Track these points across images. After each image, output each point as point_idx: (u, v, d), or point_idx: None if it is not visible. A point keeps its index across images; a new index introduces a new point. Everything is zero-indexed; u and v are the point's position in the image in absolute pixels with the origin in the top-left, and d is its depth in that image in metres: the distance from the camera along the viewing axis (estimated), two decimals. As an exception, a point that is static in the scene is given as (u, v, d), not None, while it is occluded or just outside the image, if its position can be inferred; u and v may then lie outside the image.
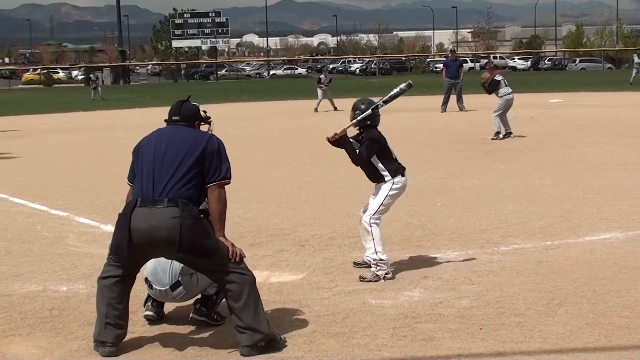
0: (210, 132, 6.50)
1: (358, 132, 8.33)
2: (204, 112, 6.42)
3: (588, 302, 6.84)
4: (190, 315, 6.49)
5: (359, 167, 8.25)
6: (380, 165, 8.09)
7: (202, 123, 6.43)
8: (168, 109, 6.26)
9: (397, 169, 8.10)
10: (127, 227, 5.69)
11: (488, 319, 6.48)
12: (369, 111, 8.13)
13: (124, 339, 6.01)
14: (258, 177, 14.77)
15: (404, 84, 8.34)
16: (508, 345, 5.91)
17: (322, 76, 33.99)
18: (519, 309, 6.71)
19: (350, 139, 8.20)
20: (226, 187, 5.99)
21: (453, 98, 29.20)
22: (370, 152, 8.05)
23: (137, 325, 6.46)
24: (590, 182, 13.17)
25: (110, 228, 9.86)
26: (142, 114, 33.42)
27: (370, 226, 7.88)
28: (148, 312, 6.63)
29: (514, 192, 12.41)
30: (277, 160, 17.44)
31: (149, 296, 6.63)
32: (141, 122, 27.17)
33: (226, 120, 28.49)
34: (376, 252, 7.74)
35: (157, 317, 6.66)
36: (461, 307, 6.82)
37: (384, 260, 7.73)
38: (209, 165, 5.85)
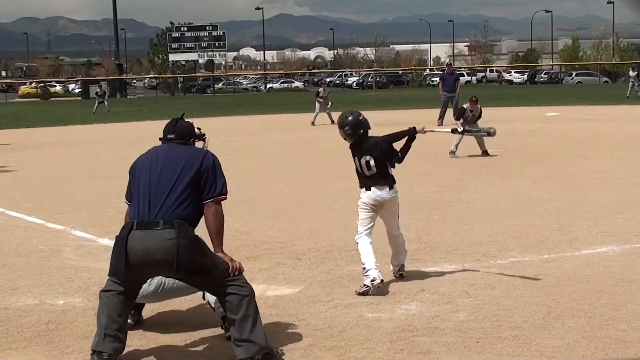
0: (205, 149, 6.50)
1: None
2: (198, 129, 6.42)
3: (585, 316, 6.84)
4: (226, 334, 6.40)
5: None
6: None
7: (197, 140, 6.44)
8: (165, 122, 6.27)
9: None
10: (123, 249, 5.70)
11: (485, 332, 6.47)
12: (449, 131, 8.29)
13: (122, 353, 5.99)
14: (255, 190, 14.77)
15: (492, 130, 8.38)
16: (505, 359, 5.91)
17: (320, 89, 34.03)
18: (516, 322, 6.71)
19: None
20: (223, 201, 6.00)
21: (450, 112, 29.23)
22: None
23: (134, 338, 6.45)
24: (586, 195, 13.18)
25: (106, 241, 9.88)
26: (139, 127, 33.43)
27: (357, 243, 8.08)
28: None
29: (511, 205, 12.42)
30: (274, 173, 17.44)
31: None
32: (138, 135, 27.19)
33: (223, 133, 28.51)
34: (362, 263, 7.83)
35: (134, 323, 6.67)
36: (458, 320, 6.81)
37: (366, 268, 7.76)
38: (204, 182, 5.87)
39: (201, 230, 5.95)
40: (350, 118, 8.21)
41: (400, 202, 9.03)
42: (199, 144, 6.50)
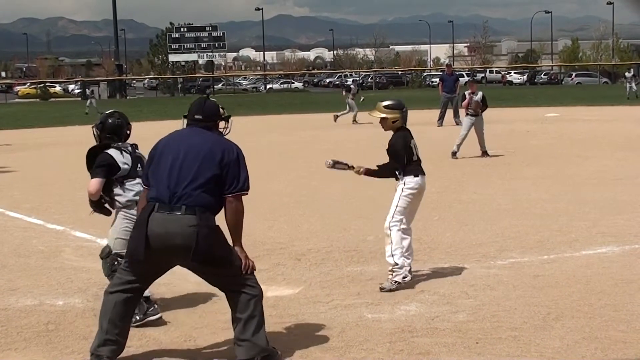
0: (227, 133, 6.38)
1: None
2: (223, 109, 6.29)
3: (584, 316, 6.85)
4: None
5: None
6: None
7: (221, 120, 6.32)
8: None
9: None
10: (144, 231, 5.66)
11: (484, 333, 6.47)
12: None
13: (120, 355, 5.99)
14: (254, 190, 14.62)
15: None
16: (504, 360, 5.91)
17: (352, 86, 33.82)
18: (516, 323, 6.71)
19: None
20: (244, 196, 5.94)
21: (450, 112, 29.24)
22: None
23: (134, 339, 6.44)
24: (586, 196, 13.19)
25: (106, 242, 9.86)
26: (139, 128, 33.21)
27: (390, 229, 7.89)
28: None
29: (511, 206, 12.42)
30: (274, 174, 17.44)
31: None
32: (138, 135, 27.04)
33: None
34: (392, 255, 7.76)
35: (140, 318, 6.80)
36: (457, 321, 6.81)
37: (399, 264, 7.74)
38: (225, 176, 5.78)
39: (221, 220, 5.92)
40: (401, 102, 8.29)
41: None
42: (222, 124, 6.37)
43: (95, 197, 7.16)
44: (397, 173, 8.13)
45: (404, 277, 7.76)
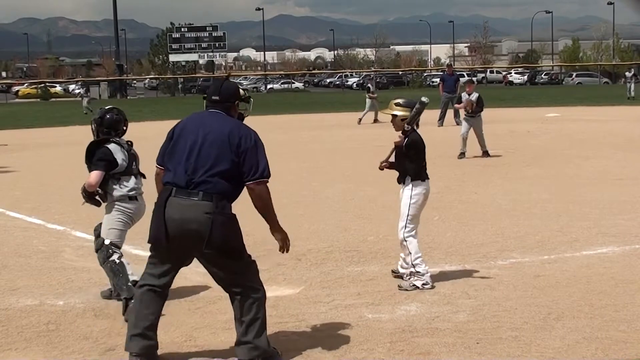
0: (247, 115, 6.37)
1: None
2: (245, 90, 6.29)
3: (585, 317, 6.84)
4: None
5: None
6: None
7: (241, 102, 6.26)
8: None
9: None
10: (162, 216, 5.65)
11: (485, 333, 6.47)
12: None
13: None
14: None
15: (419, 102, 8.15)
16: (505, 360, 5.91)
17: (369, 85, 33.88)
18: (516, 323, 6.71)
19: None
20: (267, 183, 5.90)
21: (450, 113, 29.23)
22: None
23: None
24: (587, 196, 13.18)
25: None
26: (139, 128, 33.27)
27: (406, 240, 7.90)
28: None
29: (511, 206, 12.42)
30: (274, 173, 17.35)
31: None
32: (139, 135, 27.09)
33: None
34: (414, 266, 7.78)
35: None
36: (458, 321, 6.81)
37: (421, 272, 7.76)
38: (243, 162, 5.73)
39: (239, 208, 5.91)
40: (422, 100, 8.13)
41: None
42: (242, 106, 6.34)
43: (94, 188, 7.48)
44: (404, 176, 8.07)
45: (424, 284, 7.77)
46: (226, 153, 5.67)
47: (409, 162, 8.06)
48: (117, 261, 7.35)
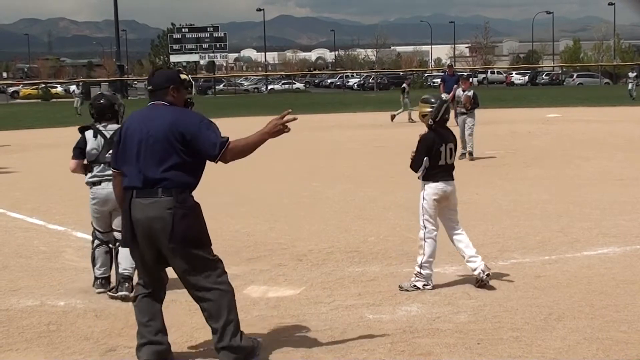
0: (192, 99, 6.36)
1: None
2: (185, 73, 6.17)
3: (586, 317, 6.84)
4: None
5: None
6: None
7: (181, 88, 6.06)
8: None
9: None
10: (128, 219, 5.69)
11: (486, 333, 6.47)
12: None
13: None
14: (256, 191, 14.77)
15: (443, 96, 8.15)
16: (506, 360, 5.91)
17: (405, 85, 33.81)
18: (517, 323, 6.71)
19: None
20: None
21: (451, 112, 29.19)
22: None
23: (134, 340, 6.43)
24: (587, 196, 13.18)
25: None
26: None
27: (425, 241, 7.89)
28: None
29: (512, 207, 12.42)
30: (275, 174, 17.44)
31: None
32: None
33: (224, 134, 28.50)
34: (421, 266, 7.77)
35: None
36: (459, 321, 6.81)
37: (424, 274, 7.75)
38: (198, 146, 5.66)
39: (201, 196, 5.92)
40: (442, 97, 8.13)
41: (401, 204, 9.08)
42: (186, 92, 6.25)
43: (76, 172, 8.15)
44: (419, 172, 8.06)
45: (425, 285, 7.77)
46: (173, 146, 5.62)
47: (416, 154, 8.01)
48: (92, 250, 8.03)
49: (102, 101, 8.13)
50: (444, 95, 8.15)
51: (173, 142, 5.62)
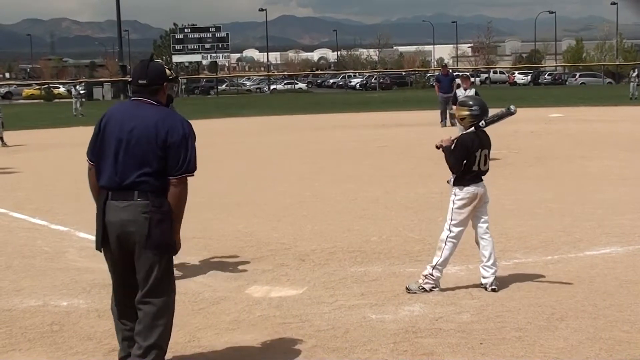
0: (175, 96, 6.18)
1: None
2: (169, 69, 5.95)
3: (589, 317, 6.84)
4: None
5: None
6: None
7: (169, 82, 5.95)
8: None
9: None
10: (102, 221, 5.48)
11: (489, 333, 6.47)
12: (472, 129, 7.88)
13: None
14: (259, 191, 14.77)
15: (512, 108, 8.00)
16: (509, 360, 5.91)
17: (459, 82, 33.79)
18: (520, 323, 6.71)
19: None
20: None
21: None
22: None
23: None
24: (590, 196, 13.17)
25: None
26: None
27: (445, 244, 7.81)
28: None
29: (515, 206, 12.41)
30: (278, 174, 17.44)
31: None
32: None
33: (227, 135, 28.56)
34: (434, 267, 7.72)
35: None
36: (462, 321, 6.81)
37: (434, 277, 7.71)
38: (168, 157, 5.42)
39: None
40: (479, 100, 8.04)
41: (403, 204, 9.04)
42: (170, 86, 6.05)
43: None
44: (450, 177, 8.02)
45: (432, 288, 7.74)
46: (153, 150, 5.41)
47: (453, 157, 7.91)
48: None
49: None
50: (512, 107, 8.04)
51: (155, 144, 5.42)
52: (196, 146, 5.55)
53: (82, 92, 51.55)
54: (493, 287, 7.71)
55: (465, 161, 7.84)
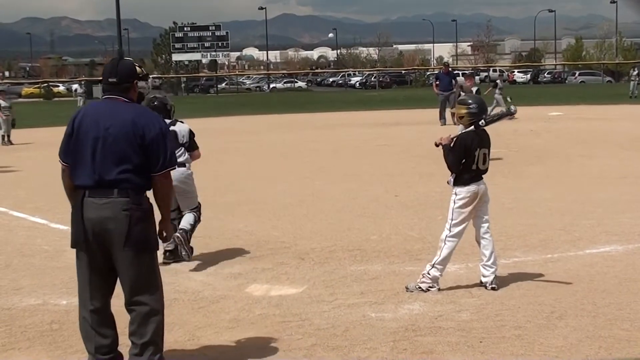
0: (147, 94, 6.20)
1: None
2: (139, 67, 5.88)
3: (588, 315, 6.84)
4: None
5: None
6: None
7: (140, 80, 5.84)
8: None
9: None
10: (80, 218, 5.41)
11: (488, 332, 6.47)
12: (472, 127, 7.86)
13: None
14: (258, 190, 14.77)
15: (512, 108, 8.01)
16: (508, 359, 5.91)
17: (498, 81, 33.85)
18: (519, 321, 6.71)
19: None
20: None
21: (450, 111, 29.19)
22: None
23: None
24: (590, 195, 13.18)
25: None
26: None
27: (445, 243, 7.78)
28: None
29: (514, 205, 12.41)
30: (278, 173, 17.44)
31: None
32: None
33: (226, 133, 28.56)
34: (432, 266, 7.71)
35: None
36: (461, 320, 6.81)
37: (431, 276, 7.69)
38: (149, 153, 5.43)
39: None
40: (478, 99, 8.04)
41: (403, 203, 9.02)
42: (141, 84, 5.96)
43: None
44: (449, 177, 8.01)
45: (429, 287, 7.73)
46: (132, 147, 5.40)
47: (452, 155, 7.90)
48: None
49: (155, 103, 8.46)
50: (512, 107, 8.03)
51: (133, 142, 5.40)
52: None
53: (83, 90, 51.99)
54: (493, 285, 7.71)
55: (464, 160, 7.81)
